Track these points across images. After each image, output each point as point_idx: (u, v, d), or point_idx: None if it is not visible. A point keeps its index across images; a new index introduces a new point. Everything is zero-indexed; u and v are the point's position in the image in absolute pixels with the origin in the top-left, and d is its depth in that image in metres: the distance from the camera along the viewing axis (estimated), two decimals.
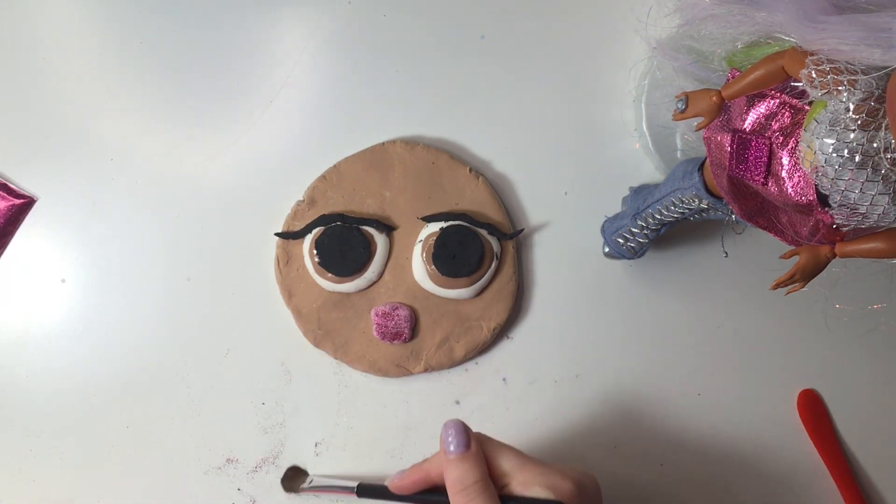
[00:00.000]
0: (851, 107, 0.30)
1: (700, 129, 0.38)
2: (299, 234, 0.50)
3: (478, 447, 0.38)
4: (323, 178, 0.50)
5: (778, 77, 0.34)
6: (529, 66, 0.52)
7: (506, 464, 0.38)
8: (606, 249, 0.50)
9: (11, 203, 0.50)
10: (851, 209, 0.32)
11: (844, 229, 0.34)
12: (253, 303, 0.51)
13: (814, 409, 0.52)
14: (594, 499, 0.39)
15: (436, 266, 0.49)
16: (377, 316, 0.50)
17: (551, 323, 0.52)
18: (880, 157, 0.30)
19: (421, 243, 0.49)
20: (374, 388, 0.51)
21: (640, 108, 0.51)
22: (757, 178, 0.36)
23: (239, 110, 0.52)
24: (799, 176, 0.34)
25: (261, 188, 0.51)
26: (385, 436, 0.51)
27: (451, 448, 0.38)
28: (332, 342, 0.50)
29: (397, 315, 0.49)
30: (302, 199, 0.50)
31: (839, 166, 0.30)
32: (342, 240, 0.49)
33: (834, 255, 0.35)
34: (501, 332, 0.51)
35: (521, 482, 0.37)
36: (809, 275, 0.36)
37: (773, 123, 0.35)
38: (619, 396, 0.52)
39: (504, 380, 0.52)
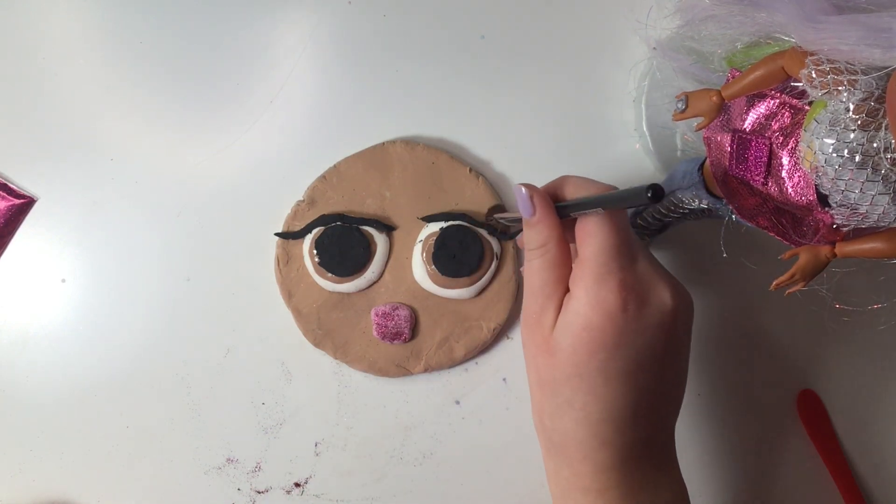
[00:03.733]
0: (851, 107, 0.30)
1: (700, 129, 0.38)
2: (299, 234, 0.50)
3: (544, 211, 0.39)
4: (323, 178, 0.50)
5: (778, 77, 0.34)
6: (529, 66, 0.52)
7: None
8: None
9: (11, 203, 0.50)
10: (851, 209, 0.32)
11: (844, 229, 0.34)
12: (253, 303, 0.51)
13: (814, 409, 0.52)
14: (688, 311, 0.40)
15: (436, 266, 0.49)
16: (377, 316, 0.50)
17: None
18: (880, 157, 0.30)
19: (421, 243, 0.50)
20: (374, 388, 0.51)
21: (640, 109, 0.51)
22: (757, 178, 0.36)
23: (239, 110, 0.52)
24: (799, 176, 0.34)
25: (261, 188, 0.51)
26: (385, 436, 0.51)
27: (520, 212, 0.40)
28: (332, 342, 0.50)
29: (397, 315, 0.49)
30: (302, 199, 0.50)
31: (839, 166, 0.30)
32: (342, 240, 0.49)
33: (834, 255, 0.35)
34: (501, 332, 0.51)
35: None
36: (809, 275, 0.36)
37: (773, 123, 0.35)
38: None
39: (504, 380, 0.52)
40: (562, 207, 0.39)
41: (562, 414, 0.38)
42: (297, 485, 0.51)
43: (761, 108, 0.36)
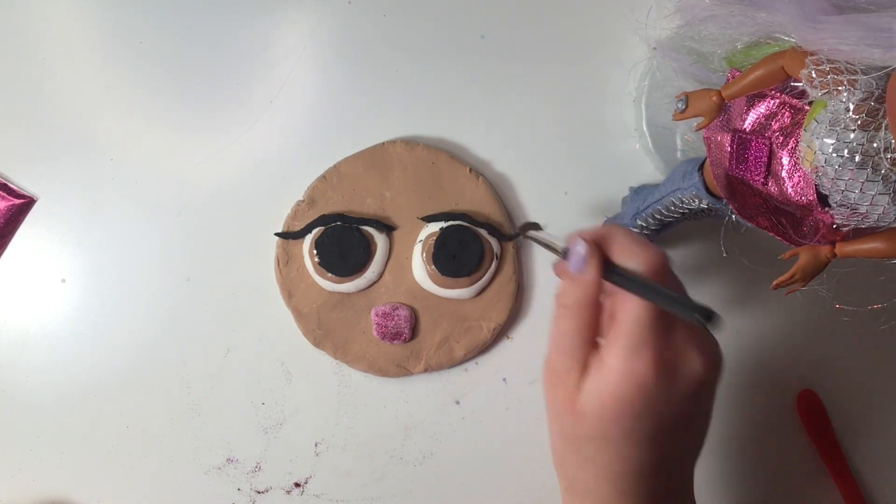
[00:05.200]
0: (851, 107, 0.30)
1: (700, 129, 0.38)
2: (299, 234, 0.50)
3: (594, 277, 0.37)
4: (323, 178, 0.50)
5: (778, 77, 0.34)
6: (529, 66, 0.52)
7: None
8: None
9: (11, 203, 0.50)
10: (851, 209, 0.32)
11: (844, 229, 0.34)
12: (253, 303, 0.51)
13: (814, 409, 0.52)
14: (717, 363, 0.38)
15: (436, 266, 0.49)
16: (377, 316, 0.50)
17: (551, 323, 0.52)
18: (880, 157, 0.30)
19: (421, 243, 0.50)
20: (374, 388, 0.51)
21: (640, 109, 0.51)
22: (757, 178, 0.36)
23: (239, 110, 0.52)
24: (799, 176, 0.34)
25: (261, 188, 0.51)
26: (385, 436, 0.51)
27: (569, 264, 0.37)
28: (332, 342, 0.50)
29: (397, 315, 0.49)
30: (302, 199, 0.50)
31: (839, 166, 0.30)
32: (342, 240, 0.49)
33: (834, 255, 0.35)
34: (501, 332, 0.51)
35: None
36: (809, 275, 0.36)
37: (773, 123, 0.35)
38: None
39: (504, 380, 0.52)
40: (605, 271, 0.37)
41: (584, 468, 0.38)
42: (297, 485, 0.51)
43: (761, 108, 0.36)
